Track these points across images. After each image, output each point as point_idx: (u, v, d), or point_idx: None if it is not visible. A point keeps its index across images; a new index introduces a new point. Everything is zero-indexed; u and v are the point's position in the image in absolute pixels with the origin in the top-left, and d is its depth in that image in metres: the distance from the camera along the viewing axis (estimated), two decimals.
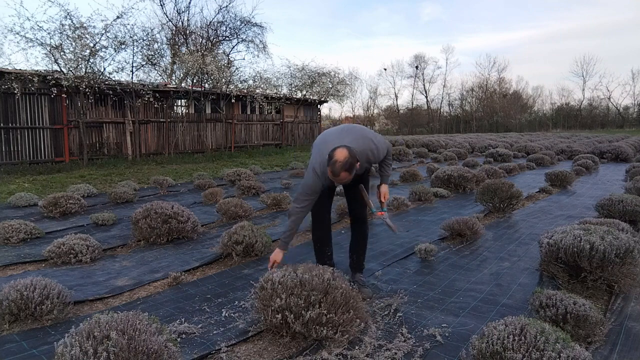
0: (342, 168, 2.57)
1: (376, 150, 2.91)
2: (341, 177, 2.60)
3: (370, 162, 2.97)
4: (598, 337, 2.39)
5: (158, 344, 1.88)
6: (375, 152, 2.91)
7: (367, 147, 2.86)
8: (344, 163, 2.57)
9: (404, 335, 2.48)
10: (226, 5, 25.53)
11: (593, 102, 55.82)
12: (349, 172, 2.59)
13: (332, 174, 2.61)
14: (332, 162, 2.59)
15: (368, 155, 2.87)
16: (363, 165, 2.87)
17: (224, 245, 3.95)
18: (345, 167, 2.57)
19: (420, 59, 59.94)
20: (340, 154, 2.58)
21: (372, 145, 2.88)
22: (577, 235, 3.13)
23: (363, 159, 2.83)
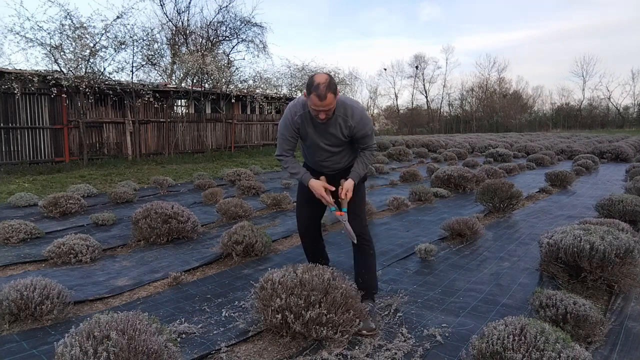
0: (327, 89, 2.37)
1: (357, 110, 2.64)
2: (328, 101, 2.40)
3: (346, 122, 2.63)
4: (598, 337, 2.39)
5: (158, 344, 1.88)
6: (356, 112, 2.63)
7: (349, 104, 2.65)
8: (328, 84, 2.38)
9: (403, 335, 2.49)
10: (226, 5, 25.52)
11: (593, 102, 55.87)
12: (334, 94, 2.40)
13: (318, 98, 2.39)
14: (314, 86, 2.38)
15: (347, 109, 2.62)
16: (337, 120, 2.61)
17: (224, 245, 3.95)
18: (330, 88, 2.38)
19: (420, 59, 60.01)
20: (319, 77, 2.41)
21: (354, 105, 2.66)
22: (577, 235, 3.13)
23: (340, 110, 2.61)
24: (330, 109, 2.49)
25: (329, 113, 2.52)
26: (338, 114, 2.62)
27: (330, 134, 2.68)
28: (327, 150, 2.78)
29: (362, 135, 2.71)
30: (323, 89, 2.38)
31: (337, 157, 2.84)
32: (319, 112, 2.49)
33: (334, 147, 2.76)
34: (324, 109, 2.46)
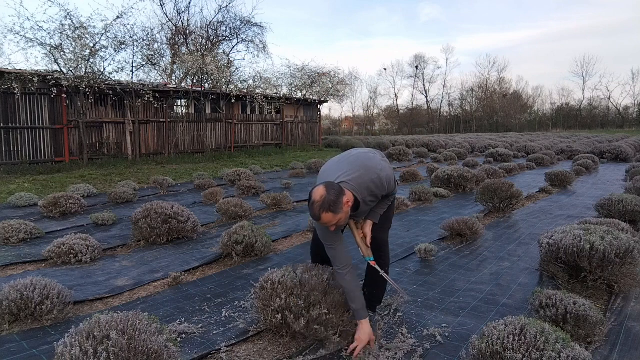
0: (320, 209, 2.15)
1: (379, 180, 2.38)
2: (324, 220, 2.17)
3: (377, 196, 2.43)
4: (598, 337, 2.39)
5: (158, 344, 1.88)
6: (379, 183, 2.38)
7: (369, 179, 2.36)
8: (322, 203, 2.14)
9: (404, 335, 2.49)
10: (226, 5, 25.56)
11: (593, 102, 55.85)
12: (333, 213, 2.15)
13: (313, 217, 2.21)
14: (310, 204, 2.20)
15: (370, 188, 2.36)
16: (367, 200, 2.38)
17: (224, 245, 3.95)
18: (325, 208, 2.14)
19: (420, 59, 59.96)
20: (316, 193, 2.17)
21: (374, 176, 2.37)
22: (577, 235, 3.13)
23: (365, 194, 2.35)
24: (335, 224, 2.24)
25: (339, 224, 2.27)
26: (364, 198, 2.38)
27: (364, 212, 2.50)
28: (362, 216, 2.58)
29: (382, 193, 2.46)
30: (316, 209, 2.16)
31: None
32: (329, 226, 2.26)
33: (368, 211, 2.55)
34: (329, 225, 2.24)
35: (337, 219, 2.19)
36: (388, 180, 2.42)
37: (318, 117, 20.56)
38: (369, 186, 2.35)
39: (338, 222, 2.22)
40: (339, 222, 2.23)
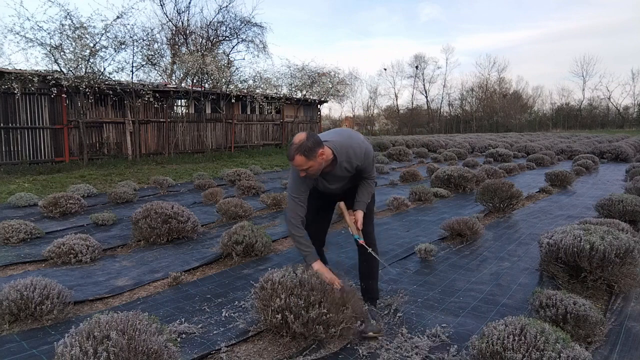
0: (296, 151, 2.37)
1: (358, 148, 2.61)
2: (296, 162, 2.39)
3: (352, 164, 2.62)
4: (598, 337, 2.39)
5: (158, 344, 1.88)
6: (358, 152, 2.61)
7: (349, 144, 2.60)
8: (299, 146, 2.36)
9: (403, 335, 2.49)
10: (226, 5, 25.52)
11: (593, 102, 55.85)
12: (306, 157, 2.37)
13: (288, 157, 2.44)
14: (289, 146, 2.43)
15: (349, 153, 2.58)
16: (343, 164, 2.59)
17: (224, 245, 3.95)
18: (300, 151, 2.36)
19: (420, 59, 59.98)
20: (297, 137, 2.41)
21: (354, 144, 2.61)
22: (577, 235, 3.13)
23: (343, 156, 2.57)
24: (307, 169, 2.43)
25: (310, 172, 2.46)
26: (341, 160, 2.58)
27: (338, 178, 2.67)
28: (336, 187, 2.76)
29: (365, 167, 2.68)
30: (293, 150, 2.38)
31: (346, 185, 2.80)
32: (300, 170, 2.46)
33: (341, 182, 2.75)
34: (300, 168, 2.44)
35: (308, 165, 2.41)
36: (367, 153, 2.64)
37: (318, 117, 20.57)
38: (348, 151, 2.58)
39: (309, 169, 2.43)
40: (310, 170, 2.44)
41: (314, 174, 2.51)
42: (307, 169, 2.43)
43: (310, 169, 2.44)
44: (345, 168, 2.63)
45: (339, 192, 2.81)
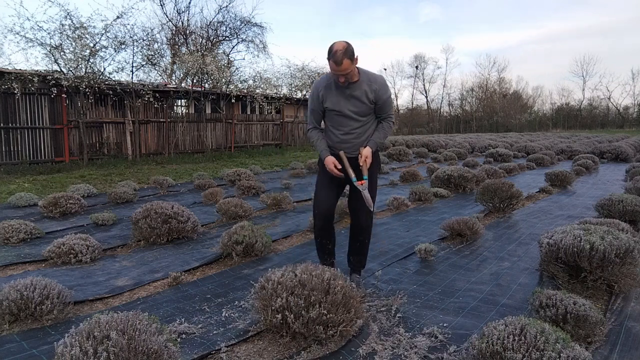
0: (343, 55, 2.62)
1: (379, 77, 2.93)
2: (344, 66, 2.65)
3: (371, 86, 2.88)
4: (598, 337, 2.39)
5: (158, 344, 1.88)
6: (378, 78, 2.93)
7: (369, 72, 2.93)
8: (345, 50, 2.63)
9: (402, 334, 2.48)
10: (226, 5, 25.56)
11: (593, 102, 55.88)
12: (351, 61, 2.66)
13: (334, 64, 2.65)
14: (332, 54, 2.64)
15: (369, 76, 2.90)
16: (364, 83, 2.86)
17: (224, 245, 3.95)
18: (347, 55, 2.63)
19: (420, 59, 60.05)
20: (338, 44, 2.65)
21: (380, 77, 2.95)
22: (577, 235, 3.13)
23: (364, 76, 2.87)
24: (348, 73, 2.73)
25: (349, 77, 2.76)
26: (363, 80, 2.87)
27: (356, 98, 2.88)
28: (353, 119, 2.93)
29: (385, 99, 2.94)
30: (340, 55, 2.63)
31: (360, 130, 2.98)
32: (338, 76, 2.75)
33: (359, 115, 2.93)
34: (342, 73, 2.71)
35: (351, 69, 2.70)
36: (385, 84, 2.94)
37: None
38: (369, 75, 2.90)
39: (350, 73, 2.72)
40: (349, 75, 2.73)
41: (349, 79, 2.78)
42: (349, 73, 2.72)
43: (349, 74, 2.73)
44: (364, 89, 2.87)
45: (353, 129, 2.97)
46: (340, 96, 2.91)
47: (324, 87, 2.96)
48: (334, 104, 2.94)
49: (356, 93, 2.87)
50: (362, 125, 2.99)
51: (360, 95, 2.88)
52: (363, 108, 2.92)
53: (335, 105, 2.94)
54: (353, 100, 2.89)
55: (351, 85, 2.86)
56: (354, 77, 2.84)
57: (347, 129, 2.98)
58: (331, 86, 2.93)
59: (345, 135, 2.99)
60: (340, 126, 2.99)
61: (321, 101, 2.97)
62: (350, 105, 2.91)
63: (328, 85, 2.95)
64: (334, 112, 2.96)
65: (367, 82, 2.89)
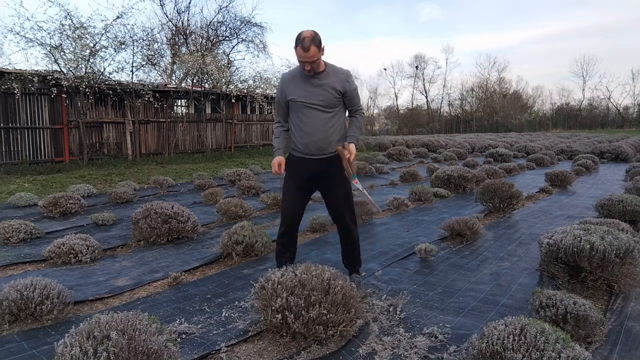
0: (311, 42, 2.66)
1: (343, 68, 2.96)
2: (311, 53, 2.67)
3: (338, 76, 2.90)
4: (598, 337, 2.39)
5: (158, 344, 1.88)
6: (343, 69, 2.96)
7: (338, 67, 2.96)
8: (312, 37, 2.67)
9: (402, 334, 2.48)
10: (226, 5, 25.49)
11: (593, 102, 55.86)
12: (318, 49, 2.69)
13: (302, 51, 2.67)
14: (300, 40, 2.67)
15: (335, 67, 2.93)
16: (330, 74, 2.88)
17: (224, 245, 3.95)
18: (314, 42, 2.66)
19: (420, 59, 60.03)
20: (306, 32, 2.69)
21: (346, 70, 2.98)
22: (577, 235, 3.13)
23: (330, 67, 2.90)
24: (315, 61, 2.74)
25: (315, 66, 2.77)
26: (329, 71, 2.89)
27: (322, 88, 2.86)
28: (320, 110, 2.89)
29: (353, 89, 2.96)
30: (308, 42, 2.66)
31: (328, 124, 2.92)
32: (304, 63, 2.75)
33: (326, 107, 2.90)
34: (308, 61, 2.72)
35: (317, 57, 2.72)
36: (350, 75, 2.98)
37: None
38: (334, 67, 2.94)
39: (314, 62, 2.73)
40: (315, 63, 2.74)
41: (316, 69, 2.80)
42: (315, 61, 2.74)
43: (315, 62, 2.75)
44: (332, 81, 2.88)
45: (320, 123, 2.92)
46: (307, 86, 2.87)
47: (289, 80, 2.94)
48: (299, 95, 2.88)
49: (323, 83, 2.86)
50: (329, 119, 2.92)
51: (326, 86, 2.86)
52: (330, 98, 2.88)
53: (301, 96, 2.88)
54: (320, 90, 2.86)
55: (317, 75, 2.85)
56: (320, 67, 2.84)
57: (314, 122, 2.90)
58: (296, 77, 2.91)
59: (313, 129, 2.91)
60: (307, 119, 2.91)
61: (285, 94, 2.94)
62: (317, 95, 2.86)
63: (293, 77, 2.93)
64: (300, 103, 2.89)
65: (334, 73, 2.90)
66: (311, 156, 2.97)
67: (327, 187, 3.06)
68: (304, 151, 2.98)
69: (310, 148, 2.94)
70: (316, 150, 2.94)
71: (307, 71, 2.80)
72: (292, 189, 3.08)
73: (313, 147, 2.93)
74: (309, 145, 2.93)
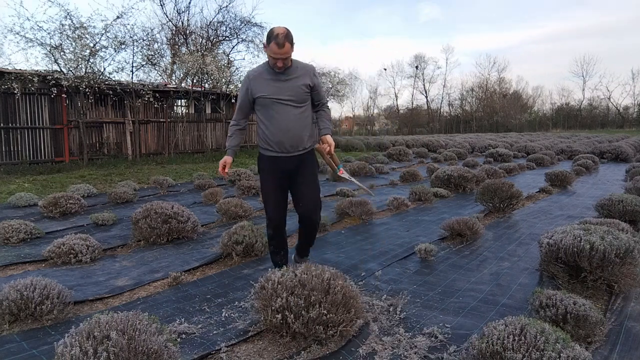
0: (285, 38, 2.65)
1: (314, 68, 3.00)
2: (285, 49, 2.67)
3: (306, 70, 2.92)
4: (598, 337, 2.39)
5: (158, 344, 1.88)
6: (313, 68, 2.99)
7: (302, 62, 2.97)
8: (286, 34, 2.67)
9: (402, 334, 2.48)
10: (226, 5, 25.47)
11: (593, 102, 55.86)
12: (291, 45, 2.69)
13: (277, 47, 2.66)
14: (274, 36, 2.65)
15: (304, 65, 2.94)
16: (298, 68, 2.88)
17: (224, 245, 3.95)
18: (289, 39, 2.67)
19: (420, 59, 60.00)
20: (279, 28, 2.68)
21: (308, 64, 3.00)
22: (577, 235, 3.13)
23: (298, 62, 2.90)
24: (287, 58, 2.75)
25: (287, 62, 2.77)
26: (296, 65, 2.89)
27: (292, 83, 2.86)
28: (291, 106, 2.88)
29: (319, 83, 3.01)
30: (282, 38, 2.65)
31: (299, 120, 2.92)
32: (277, 60, 2.73)
33: (296, 102, 2.89)
34: (281, 57, 2.72)
35: (290, 53, 2.72)
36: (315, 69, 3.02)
37: None
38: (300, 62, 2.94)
39: (286, 59, 2.74)
40: (286, 59, 2.74)
41: (286, 64, 2.79)
42: (287, 57, 2.74)
43: (287, 59, 2.75)
44: (300, 75, 2.89)
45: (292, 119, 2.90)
46: (276, 83, 2.85)
47: (255, 77, 2.89)
48: (269, 91, 2.85)
49: (291, 78, 2.85)
50: (301, 114, 2.92)
51: (296, 80, 2.87)
52: (300, 93, 2.88)
53: (271, 93, 2.85)
54: (289, 85, 2.85)
55: (286, 70, 2.84)
56: (289, 63, 2.84)
57: (287, 118, 2.88)
58: (263, 74, 2.87)
59: (286, 126, 2.88)
60: (279, 115, 2.87)
61: (252, 92, 2.89)
62: (287, 90, 2.85)
63: (260, 74, 2.89)
64: (270, 100, 2.86)
65: (301, 67, 2.91)
66: (285, 154, 2.95)
67: (299, 184, 3.04)
68: (277, 149, 2.94)
69: (284, 146, 2.91)
70: (290, 148, 2.93)
71: (279, 67, 2.78)
72: (272, 190, 3.07)
73: (287, 144, 2.91)
74: (283, 143, 2.90)
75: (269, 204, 3.09)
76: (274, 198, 3.08)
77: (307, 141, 3.00)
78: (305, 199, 3.05)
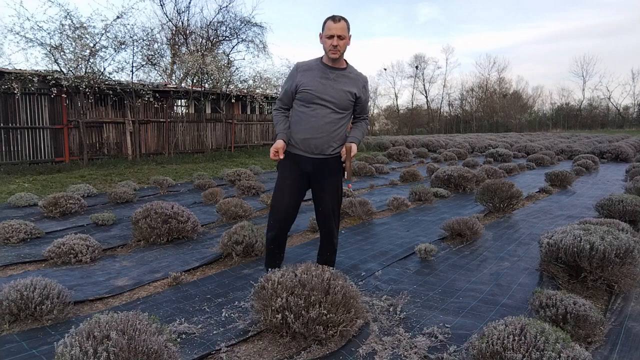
0: (341, 18, 2.66)
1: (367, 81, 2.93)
2: (339, 26, 2.63)
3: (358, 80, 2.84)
4: (598, 337, 2.39)
5: (158, 344, 1.88)
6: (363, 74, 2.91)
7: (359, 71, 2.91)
8: (343, 17, 2.68)
9: (402, 334, 2.48)
10: (226, 5, 25.51)
11: (593, 102, 55.85)
12: (348, 28, 2.68)
13: (332, 22, 2.64)
14: (331, 16, 2.68)
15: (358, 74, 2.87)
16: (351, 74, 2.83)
17: (224, 245, 3.95)
18: (345, 19, 2.67)
19: (420, 59, 60.02)
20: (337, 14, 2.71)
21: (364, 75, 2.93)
22: (577, 235, 3.13)
23: (352, 68, 2.87)
24: (342, 39, 2.67)
25: (341, 46, 2.69)
26: (350, 71, 2.83)
27: (339, 85, 2.77)
28: (329, 108, 2.75)
29: (366, 98, 2.94)
30: (338, 17, 2.66)
31: (333, 126, 2.78)
32: (332, 38, 2.64)
33: (337, 107, 2.77)
34: (336, 33, 2.63)
35: (345, 37, 2.68)
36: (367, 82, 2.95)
37: None
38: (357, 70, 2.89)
39: (340, 42, 2.66)
40: (340, 44, 2.67)
41: (340, 50, 2.70)
42: (342, 40, 2.67)
43: (341, 44, 2.68)
44: (351, 82, 2.81)
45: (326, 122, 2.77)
46: (323, 80, 2.73)
47: (304, 69, 2.78)
48: (313, 86, 2.72)
49: (341, 80, 2.76)
50: (337, 121, 2.78)
51: (344, 85, 2.76)
52: (344, 99, 2.76)
53: (315, 88, 2.72)
54: (336, 85, 2.74)
55: (337, 70, 2.75)
56: (342, 63, 2.79)
57: (321, 120, 2.74)
58: (313, 68, 2.77)
59: (318, 126, 2.74)
60: (314, 113, 2.74)
61: (296, 83, 2.76)
62: (331, 90, 2.73)
63: (309, 67, 2.78)
64: (312, 95, 2.72)
65: (355, 75, 2.83)
66: (308, 155, 2.83)
67: (320, 189, 2.93)
68: (301, 148, 2.83)
69: (309, 146, 2.79)
70: (315, 149, 2.80)
71: (332, 48, 2.65)
72: (287, 185, 2.89)
73: (312, 145, 2.78)
74: (309, 143, 2.78)
75: (277, 202, 2.91)
76: (289, 193, 2.89)
77: (336, 149, 2.86)
78: (324, 206, 2.94)
